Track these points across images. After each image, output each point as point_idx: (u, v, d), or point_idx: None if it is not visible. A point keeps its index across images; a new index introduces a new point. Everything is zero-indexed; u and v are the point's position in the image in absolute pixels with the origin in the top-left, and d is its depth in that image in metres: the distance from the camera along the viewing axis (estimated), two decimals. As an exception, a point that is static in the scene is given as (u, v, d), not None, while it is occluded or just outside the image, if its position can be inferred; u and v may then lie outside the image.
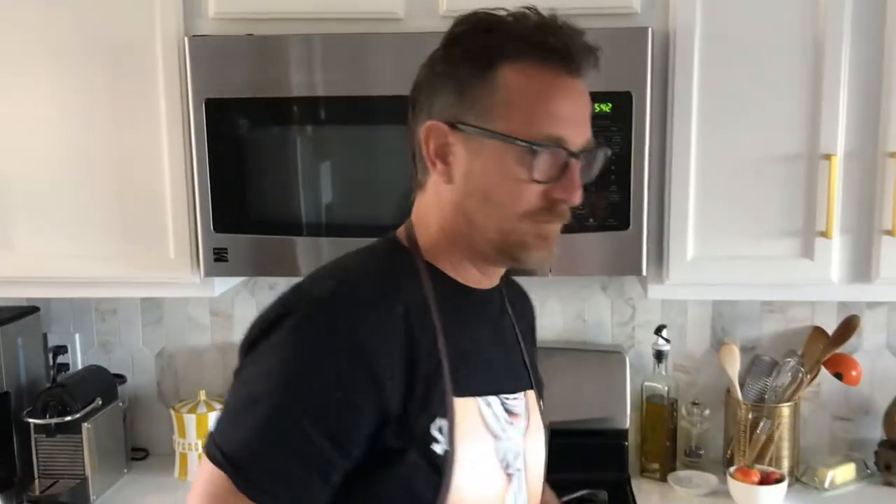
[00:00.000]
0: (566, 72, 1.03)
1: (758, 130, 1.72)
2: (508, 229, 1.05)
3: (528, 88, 1.02)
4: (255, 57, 1.67)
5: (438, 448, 1.01)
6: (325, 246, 1.72)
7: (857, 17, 1.68)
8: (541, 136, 1.01)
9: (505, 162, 1.02)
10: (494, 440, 1.08)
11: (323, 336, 0.97)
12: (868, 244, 1.74)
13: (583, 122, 1.05)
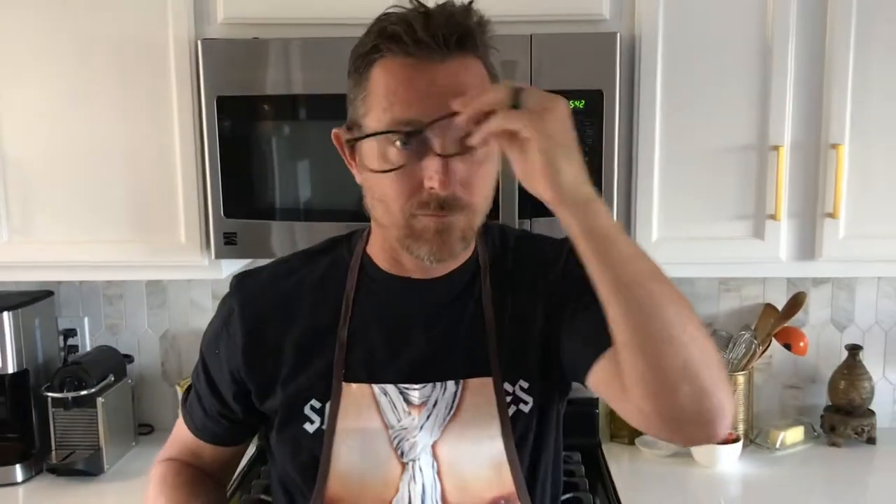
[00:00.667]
0: (425, 56, 1.01)
1: (714, 124, 1.90)
2: (399, 224, 1.05)
3: (378, 81, 1.03)
4: (261, 58, 1.82)
5: (310, 427, 1.12)
6: (324, 229, 1.85)
7: (800, 23, 1.86)
8: (390, 120, 1.01)
9: (373, 159, 1.04)
10: (387, 427, 1.11)
11: (219, 308, 1.23)
12: (812, 226, 1.93)
13: (441, 102, 0.99)
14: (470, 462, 1.12)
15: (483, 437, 1.12)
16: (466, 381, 1.12)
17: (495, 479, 1.12)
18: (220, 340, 1.19)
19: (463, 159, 1.01)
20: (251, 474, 2.05)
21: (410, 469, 1.11)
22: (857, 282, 2.30)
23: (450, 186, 1.01)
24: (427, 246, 1.04)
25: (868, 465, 2.15)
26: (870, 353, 2.30)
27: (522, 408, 1.14)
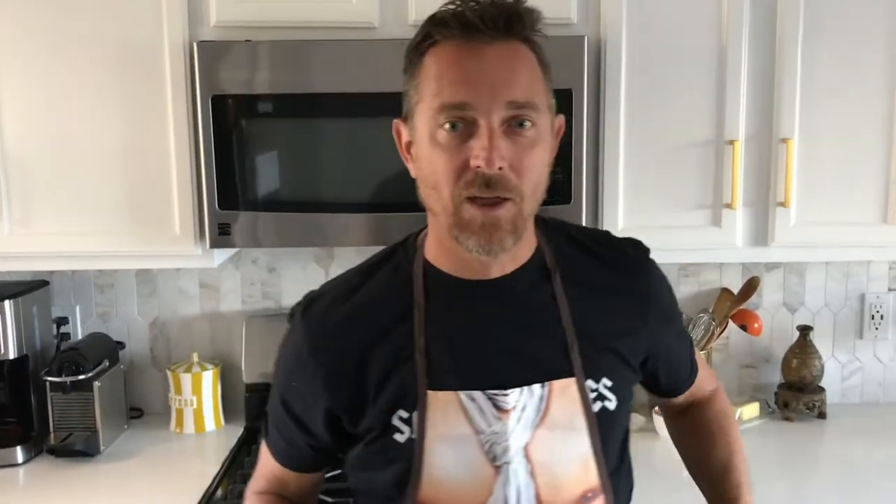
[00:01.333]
0: (475, 38, 1.03)
1: (675, 121, 2.04)
2: (449, 211, 1.06)
3: (429, 68, 1.06)
4: (253, 59, 1.92)
5: (400, 437, 1.11)
6: (313, 220, 1.98)
7: (753, 27, 2.00)
8: (439, 105, 1.03)
9: (426, 142, 1.06)
10: (477, 433, 1.10)
11: (287, 341, 1.21)
12: (765, 214, 2.07)
13: (490, 90, 1.03)
14: (560, 460, 1.13)
15: (571, 436, 1.13)
16: (552, 384, 1.12)
17: (582, 475, 1.14)
18: (296, 375, 1.18)
19: (511, 141, 1.04)
20: (235, 464, 2.14)
21: (504, 472, 1.11)
22: (807, 267, 2.46)
23: (495, 163, 1.02)
24: (474, 238, 1.06)
25: (819, 437, 2.30)
26: (819, 334, 2.46)
27: (608, 405, 1.15)
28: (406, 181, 1.96)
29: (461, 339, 1.13)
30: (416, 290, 1.15)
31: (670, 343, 1.29)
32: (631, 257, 1.25)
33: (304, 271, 2.46)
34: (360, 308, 1.16)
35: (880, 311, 2.48)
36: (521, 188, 1.05)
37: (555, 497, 1.12)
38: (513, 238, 1.07)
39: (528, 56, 1.07)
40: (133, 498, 1.97)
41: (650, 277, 1.25)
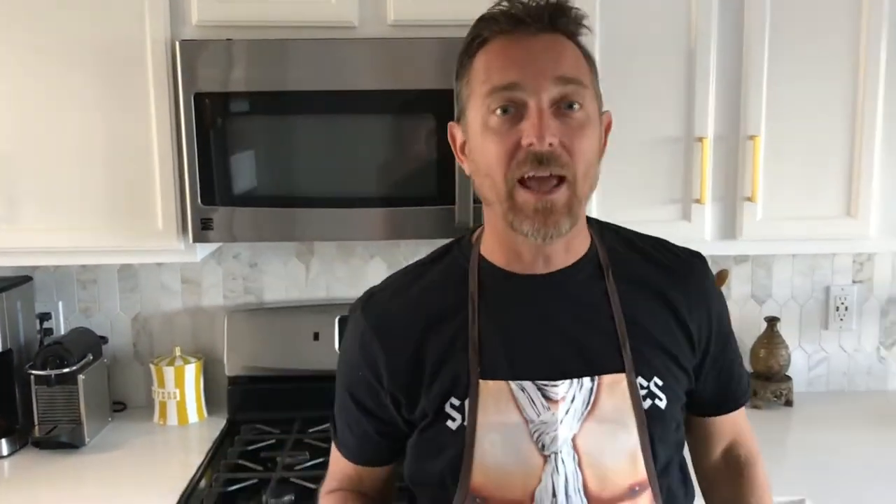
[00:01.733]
0: (517, 32, 1.09)
1: (646, 119, 2.09)
2: (502, 196, 1.09)
3: (479, 64, 1.12)
4: (234, 58, 1.96)
5: (452, 424, 1.15)
6: (295, 215, 2.02)
7: (720, 28, 2.07)
8: (490, 89, 1.08)
9: (479, 131, 1.11)
10: (527, 422, 1.13)
11: (349, 333, 1.26)
12: (733, 209, 2.14)
13: (537, 70, 1.07)
14: (608, 453, 1.15)
15: (620, 430, 1.15)
16: (601, 378, 1.15)
17: (630, 469, 1.15)
18: (361, 363, 1.22)
19: (562, 121, 1.07)
20: (218, 455, 2.18)
21: (553, 461, 1.14)
22: (774, 260, 2.54)
23: (546, 139, 1.05)
24: (529, 222, 1.09)
25: (786, 424, 2.38)
26: (786, 325, 2.54)
27: (658, 403, 1.17)
28: (384, 177, 2.04)
29: (514, 331, 1.17)
30: (472, 283, 1.19)
31: (723, 350, 1.29)
32: (686, 262, 1.27)
33: (286, 267, 2.50)
34: (418, 299, 1.22)
35: (845, 303, 2.56)
36: (574, 167, 1.08)
37: (602, 488, 1.14)
38: (569, 221, 1.10)
39: (572, 47, 1.12)
40: (118, 488, 2.00)
41: (706, 282, 1.27)
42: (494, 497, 1.14)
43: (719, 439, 1.39)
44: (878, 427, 2.33)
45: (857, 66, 2.09)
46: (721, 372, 1.30)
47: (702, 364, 1.26)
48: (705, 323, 1.25)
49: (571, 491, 1.13)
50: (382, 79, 1.98)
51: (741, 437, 1.40)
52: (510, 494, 1.14)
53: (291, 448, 2.17)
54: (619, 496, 1.15)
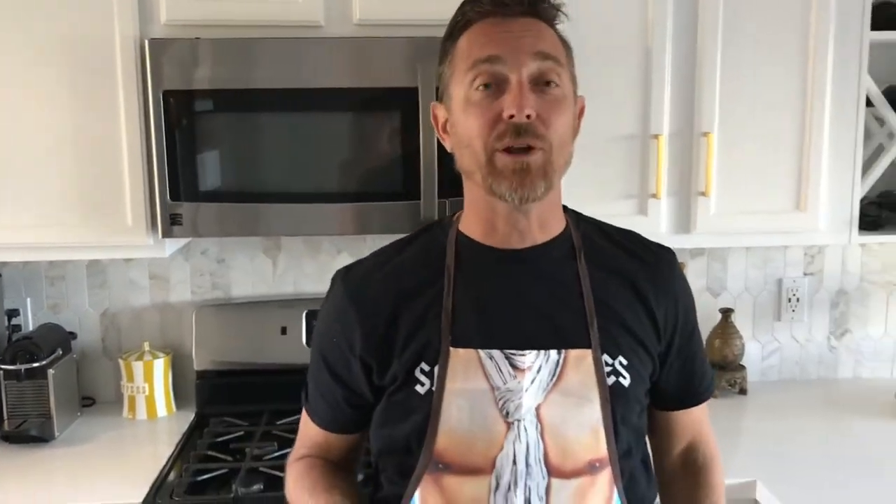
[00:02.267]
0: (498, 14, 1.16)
1: (605, 117, 2.16)
2: (482, 162, 1.15)
3: (461, 45, 1.18)
4: (203, 56, 2.00)
5: (421, 389, 1.19)
6: (263, 210, 2.06)
7: (676, 28, 2.15)
8: (472, 63, 1.15)
9: (461, 106, 1.17)
10: (493, 389, 1.18)
11: (327, 302, 1.31)
12: (688, 204, 2.22)
13: (518, 46, 1.14)
14: (571, 426, 1.18)
15: (583, 404, 1.18)
16: (568, 352, 1.19)
17: (592, 444, 1.19)
18: (336, 331, 1.27)
19: (539, 96, 1.14)
20: (187, 447, 2.21)
21: (515, 428, 1.17)
22: (728, 253, 2.62)
23: (524, 111, 1.11)
24: (507, 183, 1.14)
25: (741, 412, 2.46)
26: (740, 316, 2.63)
27: (622, 381, 1.21)
28: (351, 173, 2.09)
29: (486, 303, 1.22)
30: (449, 256, 1.25)
31: (688, 342, 1.34)
32: (657, 255, 1.33)
33: (253, 262, 2.54)
34: (397, 271, 1.27)
35: (796, 295, 2.65)
36: (549, 138, 1.14)
37: (563, 460, 1.18)
38: (543, 184, 1.15)
39: (551, 32, 1.19)
40: (89, 481, 2.03)
41: (674, 275, 1.33)
42: (456, 463, 1.19)
43: (680, 438, 1.43)
44: (828, 414, 2.43)
45: (806, 66, 2.18)
46: (685, 364, 1.34)
47: (667, 353, 1.31)
48: (672, 314, 1.29)
49: (532, 460, 1.17)
50: (348, 77, 2.03)
51: (701, 438, 1.44)
52: (472, 460, 1.18)
53: (260, 439, 2.21)
54: (579, 470, 1.19)
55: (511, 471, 1.18)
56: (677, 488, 1.44)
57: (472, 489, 1.18)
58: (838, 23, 2.17)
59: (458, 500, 1.19)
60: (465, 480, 1.19)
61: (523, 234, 1.23)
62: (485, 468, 1.18)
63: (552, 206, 1.26)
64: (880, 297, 2.69)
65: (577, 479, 1.19)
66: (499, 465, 1.18)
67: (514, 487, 1.18)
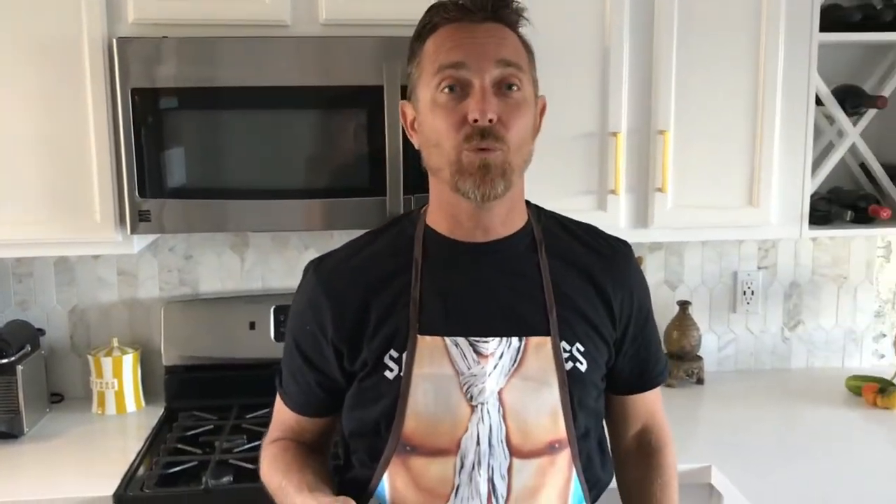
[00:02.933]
0: (464, 20, 1.22)
1: (564, 116, 2.21)
2: (451, 160, 1.21)
3: (428, 47, 1.25)
4: (171, 55, 2.03)
5: (390, 374, 1.26)
6: (229, 206, 2.10)
7: (632, 29, 2.22)
8: (438, 67, 1.21)
9: (428, 107, 1.23)
10: (458, 374, 1.25)
11: (300, 291, 1.37)
12: (645, 199, 2.29)
13: (481, 53, 1.20)
14: (531, 409, 1.26)
15: (542, 388, 1.26)
16: (528, 339, 1.26)
17: (551, 426, 1.27)
18: (309, 318, 1.33)
19: (501, 99, 1.20)
20: (157, 441, 2.24)
21: (479, 411, 1.25)
22: (685, 248, 2.70)
23: (487, 116, 1.18)
24: (471, 180, 1.20)
25: (698, 401, 2.54)
26: (697, 309, 2.71)
27: (579, 366, 1.29)
28: (317, 169, 2.13)
29: (452, 293, 1.29)
30: (417, 249, 1.32)
31: (642, 330, 1.42)
32: (614, 248, 1.41)
33: (220, 258, 2.57)
34: (367, 261, 1.34)
35: (751, 288, 2.74)
36: (509, 140, 1.21)
37: (524, 441, 1.26)
38: (503, 182, 1.22)
39: (513, 35, 1.26)
40: (59, 475, 2.05)
41: (630, 267, 1.41)
42: (423, 444, 1.25)
43: (634, 421, 1.51)
44: (781, 402, 2.52)
45: (758, 67, 2.26)
46: (639, 350, 1.42)
47: (622, 340, 1.38)
48: (627, 303, 1.37)
49: (495, 441, 1.24)
50: (315, 76, 2.07)
51: (654, 422, 1.52)
52: (438, 442, 1.25)
53: (229, 433, 2.25)
54: (538, 450, 1.27)
55: (475, 451, 1.25)
56: (632, 469, 1.52)
57: (438, 469, 1.25)
58: (788, 25, 2.25)
59: (425, 480, 1.26)
60: (431, 461, 1.25)
61: (487, 230, 1.30)
62: (450, 449, 1.25)
63: (514, 203, 1.32)
64: (831, 289, 2.78)
65: (538, 458, 1.27)
66: (463, 446, 1.25)
67: (477, 467, 1.25)
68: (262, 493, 1.35)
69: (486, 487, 1.25)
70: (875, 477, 2.01)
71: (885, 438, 2.25)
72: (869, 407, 2.45)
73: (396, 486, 1.27)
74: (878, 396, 2.44)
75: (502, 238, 1.31)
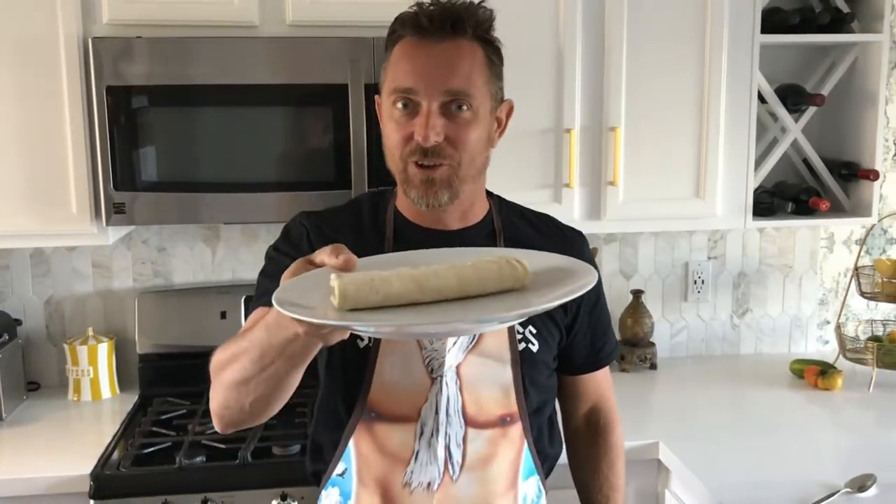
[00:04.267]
0: (426, 36, 1.28)
1: (521, 113, 2.26)
2: (399, 169, 1.32)
3: (393, 57, 1.32)
4: (144, 54, 2.13)
5: (360, 343, 1.36)
6: (201, 199, 2.19)
7: (585, 31, 2.33)
8: (393, 89, 1.29)
9: (387, 116, 1.33)
10: (421, 349, 1.34)
11: (289, 231, 1.45)
12: (598, 192, 2.41)
13: (431, 80, 1.26)
14: (485, 383, 1.37)
15: (497, 365, 1.37)
16: None
17: (503, 400, 1.38)
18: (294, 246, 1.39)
19: (450, 118, 1.28)
20: (132, 425, 2.33)
21: (438, 383, 1.34)
22: (638, 239, 2.83)
23: (430, 139, 1.27)
24: (416, 191, 1.32)
25: (651, 385, 2.67)
26: (650, 297, 2.84)
27: (531, 347, 1.41)
28: (286, 164, 2.23)
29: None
30: (388, 229, 1.41)
31: (591, 312, 1.52)
32: (568, 236, 1.52)
33: (192, 251, 2.66)
34: (348, 223, 1.43)
35: (701, 277, 2.87)
36: (457, 156, 1.30)
37: (478, 412, 1.37)
38: (447, 193, 1.32)
39: (471, 52, 1.31)
40: (37, 457, 2.14)
41: (583, 254, 1.50)
42: (387, 412, 1.36)
43: (584, 400, 1.63)
44: (729, 385, 2.65)
45: (703, 67, 2.38)
46: (589, 333, 1.54)
47: (573, 323, 1.50)
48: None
49: (452, 411, 1.35)
50: (282, 74, 2.18)
51: (603, 402, 1.65)
52: (400, 409, 1.36)
53: (201, 417, 2.33)
54: (491, 422, 1.38)
55: (433, 419, 1.36)
56: (581, 447, 1.65)
57: (400, 435, 1.36)
58: (731, 27, 2.38)
59: (387, 445, 1.37)
60: (393, 427, 1.37)
61: (445, 222, 1.41)
62: (411, 416, 1.36)
63: (472, 201, 1.42)
64: (777, 278, 2.92)
65: (490, 430, 1.38)
66: (423, 415, 1.35)
67: (436, 434, 1.36)
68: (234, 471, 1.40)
69: (444, 454, 1.36)
70: (814, 453, 2.14)
71: (824, 417, 2.40)
72: (811, 388, 2.58)
73: (362, 450, 1.38)
74: (819, 378, 2.57)
75: (465, 227, 1.42)
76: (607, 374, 1.64)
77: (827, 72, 2.68)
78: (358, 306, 1.02)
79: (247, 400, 1.24)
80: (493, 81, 1.36)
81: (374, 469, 1.37)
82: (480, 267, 1.08)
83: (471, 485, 1.37)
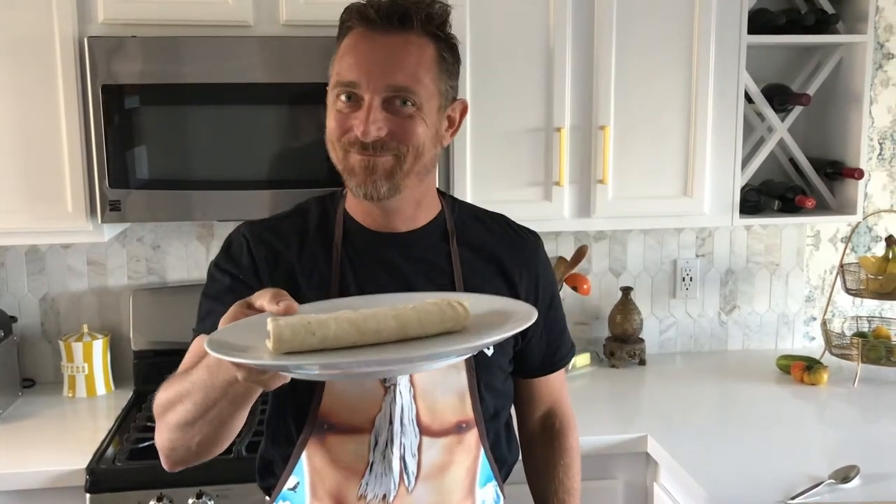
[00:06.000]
0: (374, 29, 1.24)
1: (512, 111, 2.37)
2: (339, 158, 1.28)
3: (341, 47, 1.28)
4: (139, 53, 2.15)
5: None
6: (195, 197, 2.22)
7: (575, 31, 2.37)
8: (336, 81, 1.26)
9: (331, 106, 1.29)
10: None
11: (230, 239, 1.42)
12: (588, 190, 2.44)
13: (374, 75, 1.22)
14: (440, 390, 1.32)
15: (451, 372, 1.33)
16: None
17: (459, 406, 1.34)
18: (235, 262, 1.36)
19: (392, 112, 1.24)
20: (127, 421, 2.34)
21: (392, 392, 1.30)
22: (628, 237, 2.87)
23: (371, 134, 1.23)
24: (356, 179, 1.27)
25: (640, 380, 2.70)
26: (640, 294, 2.87)
27: (486, 352, 1.36)
28: (277, 161, 2.25)
29: (367, 279, 1.34)
30: (337, 234, 1.37)
31: (546, 315, 1.48)
32: (523, 237, 1.48)
33: (187, 248, 2.69)
34: (295, 228, 1.39)
35: (690, 275, 2.91)
36: (399, 149, 1.25)
37: (433, 420, 1.33)
38: (387, 185, 1.27)
39: (420, 48, 1.26)
40: (34, 451, 2.16)
41: (537, 256, 1.48)
42: (340, 423, 1.32)
43: (539, 404, 1.60)
44: (716, 380, 2.69)
45: (691, 67, 2.42)
46: (546, 334, 1.50)
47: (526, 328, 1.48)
48: (532, 289, 1.45)
49: (406, 420, 1.31)
50: (275, 73, 2.20)
51: (559, 405, 1.61)
52: (353, 420, 1.32)
53: (196, 412, 2.36)
54: (447, 430, 1.35)
55: (388, 430, 1.31)
56: (537, 451, 1.62)
57: (353, 447, 1.32)
58: (719, 27, 2.42)
59: (341, 457, 1.33)
60: (347, 439, 1.32)
61: (394, 224, 1.37)
62: (365, 427, 1.32)
63: (421, 199, 1.38)
64: (764, 276, 2.96)
65: (446, 437, 1.35)
66: (377, 425, 1.31)
67: (390, 445, 1.32)
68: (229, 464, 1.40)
69: (399, 465, 1.32)
70: (800, 445, 2.18)
71: (810, 411, 2.44)
72: (797, 383, 2.62)
73: (315, 463, 1.34)
74: (805, 373, 2.61)
75: (415, 229, 1.38)
76: (562, 377, 1.61)
77: (813, 72, 2.72)
78: (294, 349, 1.01)
79: (193, 441, 1.23)
80: (442, 79, 1.30)
81: (328, 482, 1.34)
82: (421, 309, 1.07)
83: (427, 494, 1.34)
